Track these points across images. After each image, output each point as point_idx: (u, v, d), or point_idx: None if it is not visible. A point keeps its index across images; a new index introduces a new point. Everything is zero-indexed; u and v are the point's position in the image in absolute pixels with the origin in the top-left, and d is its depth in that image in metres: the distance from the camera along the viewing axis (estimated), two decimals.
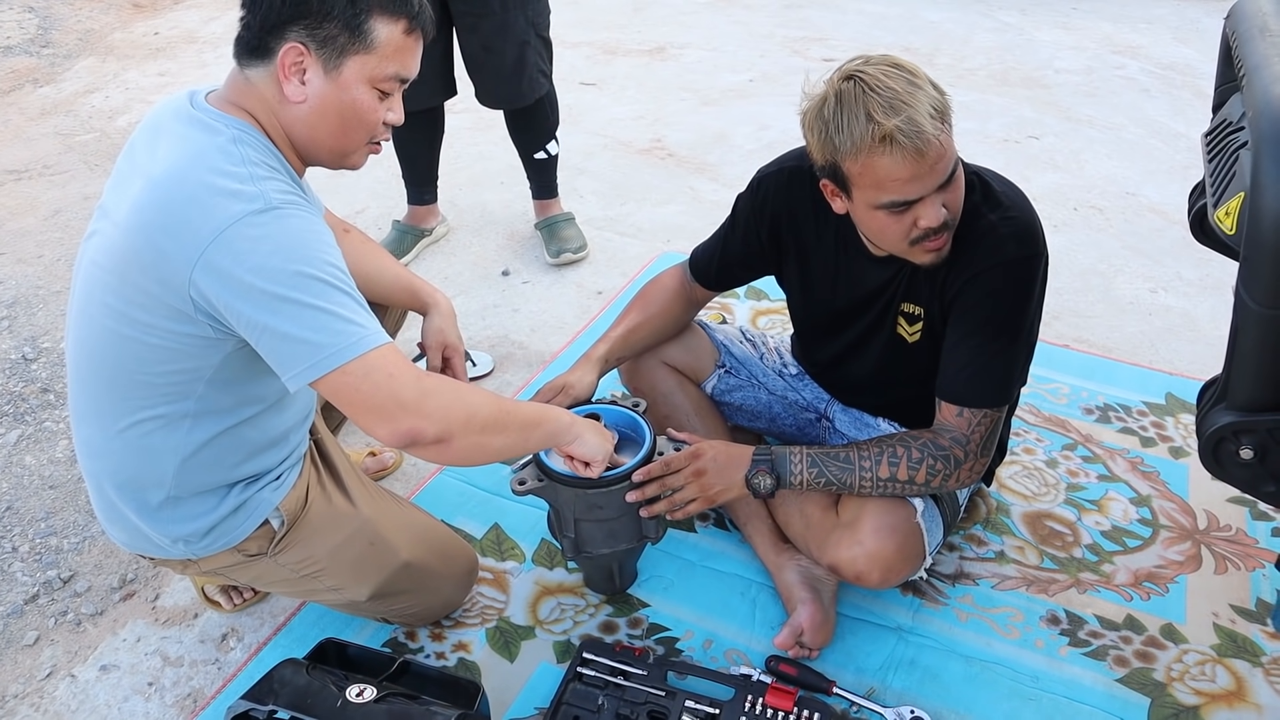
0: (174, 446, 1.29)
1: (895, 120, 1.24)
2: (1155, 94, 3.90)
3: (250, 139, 1.21)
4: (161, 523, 1.35)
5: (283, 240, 1.13)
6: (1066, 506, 1.89)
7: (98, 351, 1.26)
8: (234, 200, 1.13)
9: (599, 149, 3.48)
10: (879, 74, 1.27)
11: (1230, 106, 1.14)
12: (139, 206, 1.17)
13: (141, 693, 1.57)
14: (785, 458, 1.49)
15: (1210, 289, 2.60)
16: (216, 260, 1.12)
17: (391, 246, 2.74)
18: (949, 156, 1.30)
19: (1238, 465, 1.09)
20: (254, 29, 1.21)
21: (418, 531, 1.55)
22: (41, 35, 4.62)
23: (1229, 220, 1.00)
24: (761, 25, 4.75)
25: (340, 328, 1.14)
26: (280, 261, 1.12)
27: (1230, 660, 1.58)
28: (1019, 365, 1.48)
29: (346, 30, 1.20)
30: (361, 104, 1.25)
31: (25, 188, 3.27)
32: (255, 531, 1.39)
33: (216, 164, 1.16)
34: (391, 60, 1.24)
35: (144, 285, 1.18)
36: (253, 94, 1.24)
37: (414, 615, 1.61)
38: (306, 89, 1.22)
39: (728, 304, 2.55)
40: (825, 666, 1.56)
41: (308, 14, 1.18)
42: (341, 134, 1.27)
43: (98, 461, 1.35)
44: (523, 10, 2.44)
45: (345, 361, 1.14)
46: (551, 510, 1.57)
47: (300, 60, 1.20)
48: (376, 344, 1.16)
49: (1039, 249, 1.42)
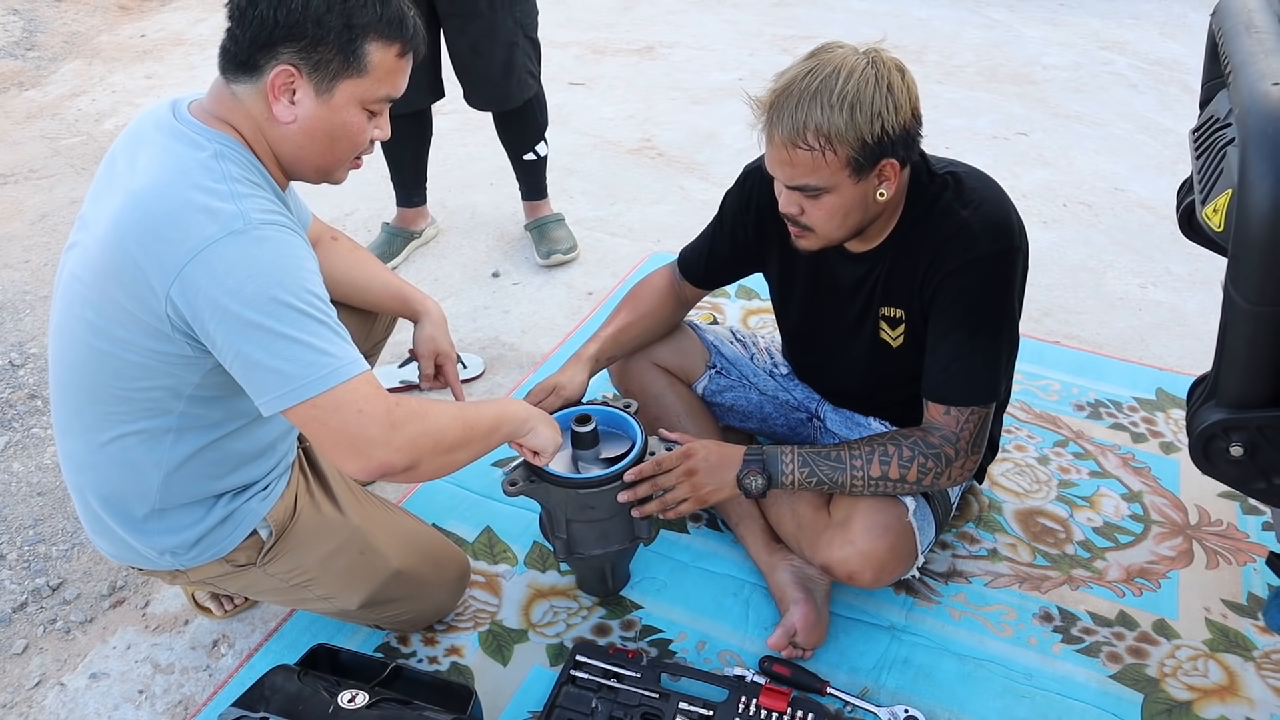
0: (157, 461, 1.28)
1: (776, 111, 1.32)
2: (1143, 89, 3.91)
3: (233, 154, 1.19)
4: (147, 535, 1.34)
5: (260, 264, 1.11)
6: (1058, 503, 1.89)
7: (77, 366, 1.25)
8: (213, 219, 1.11)
9: (588, 149, 3.48)
10: (830, 71, 1.30)
11: (1217, 103, 1.15)
12: (118, 220, 1.15)
13: (132, 700, 1.56)
14: (776, 457, 1.49)
15: (1200, 284, 2.61)
16: (193, 280, 1.10)
17: (381, 249, 2.73)
18: (795, 168, 1.34)
19: (1228, 462, 1.09)
20: (243, 44, 1.18)
21: (408, 538, 1.54)
22: (27, 38, 4.59)
23: (1217, 217, 1.00)
24: (750, 23, 4.74)
25: (311, 359, 1.13)
26: (256, 286, 1.10)
27: (1222, 655, 1.59)
28: (1002, 360, 1.48)
29: (340, 55, 1.18)
30: (352, 125, 1.23)
31: (11, 192, 3.25)
32: (244, 542, 1.38)
33: (198, 180, 1.14)
34: (383, 83, 1.23)
35: (122, 302, 1.16)
36: (238, 109, 1.21)
37: (406, 622, 1.60)
38: (296, 109, 1.20)
39: (719, 304, 2.54)
40: (819, 667, 1.56)
41: (302, 36, 1.16)
42: (329, 153, 1.25)
43: (81, 475, 1.34)
44: (510, 11, 2.43)
45: (314, 395, 1.13)
46: (543, 511, 1.57)
47: (291, 82, 1.18)
48: (349, 376, 1.15)
49: (1013, 242, 1.42)
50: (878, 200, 1.38)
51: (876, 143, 1.31)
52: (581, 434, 1.50)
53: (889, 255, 1.49)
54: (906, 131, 1.34)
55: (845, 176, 1.33)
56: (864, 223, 1.43)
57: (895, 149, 1.33)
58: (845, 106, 1.28)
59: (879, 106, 1.29)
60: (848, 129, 1.29)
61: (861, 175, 1.34)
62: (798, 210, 1.40)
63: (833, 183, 1.34)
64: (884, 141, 1.31)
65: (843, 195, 1.36)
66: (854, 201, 1.37)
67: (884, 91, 1.29)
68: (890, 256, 1.49)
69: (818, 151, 1.31)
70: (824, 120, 1.29)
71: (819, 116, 1.29)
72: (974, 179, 1.45)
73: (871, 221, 1.44)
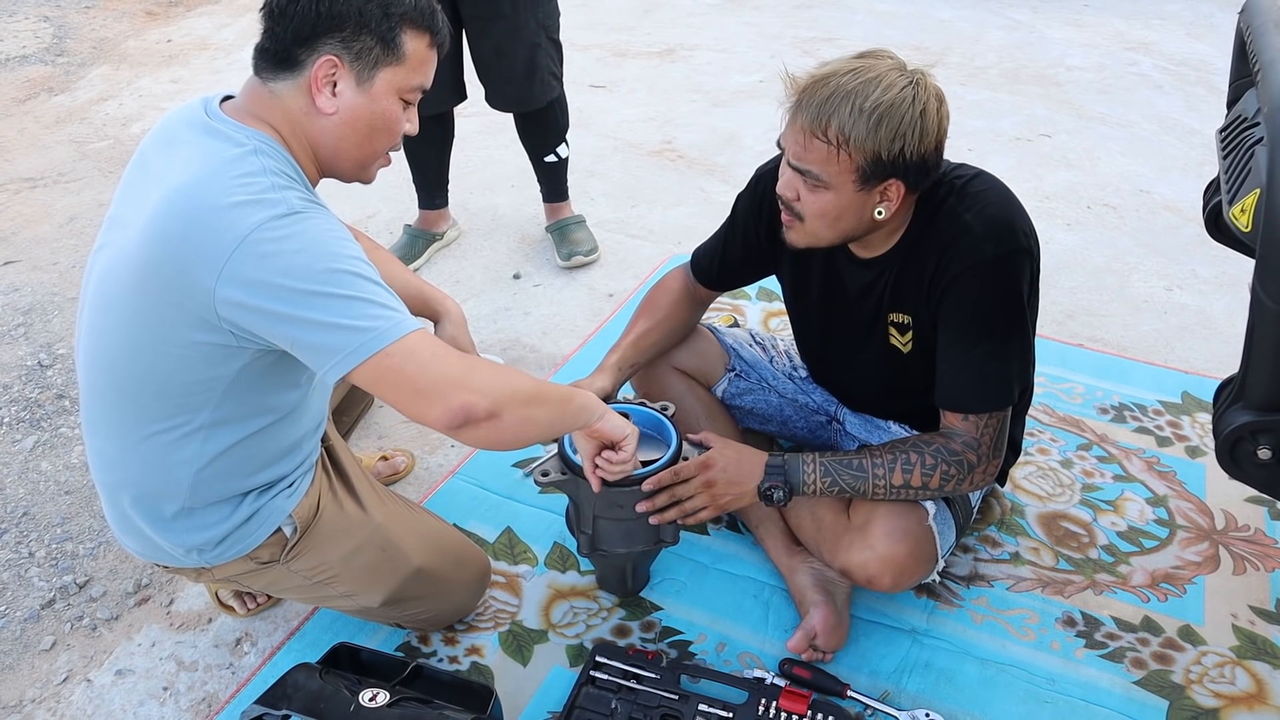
0: (189, 458, 1.30)
1: (809, 96, 1.32)
2: (1169, 90, 3.87)
3: (272, 150, 1.22)
4: (175, 533, 1.36)
5: (307, 240, 1.14)
6: (1082, 507, 1.87)
7: (115, 365, 1.26)
8: (257, 208, 1.13)
9: (609, 151, 3.48)
10: (873, 77, 1.30)
11: (1245, 102, 1.13)
12: (158, 215, 1.17)
13: (156, 697, 1.57)
14: (798, 467, 1.49)
15: (1226, 286, 2.58)
16: (242, 267, 1.12)
17: (403, 251, 2.75)
18: (806, 153, 1.33)
19: (1255, 465, 1.08)
20: (284, 40, 1.21)
21: (430, 537, 1.55)
22: (56, 44, 4.66)
23: (1244, 217, 0.99)
24: (771, 25, 4.74)
25: (378, 313, 1.14)
26: (308, 260, 1.13)
27: (1250, 662, 1.56)
28: (1014, 363, 1.46)
29: (381, 43, 1.22)
30: (390, 114, 1.27)
31: (41, 195, 3.29)
32: (268, 539, 1.40)
33: (238, 173, 1.16)
34: (418, 72, 1.27)
35: (164, 295, 1.17)
36: (277, 106, 1.24)
37: (426, 620, 1.61)
38: (338, 100, 1.23)
39: (739, 305, 2.54)
40: (839, 669, 1.55)
41: (344, 26, 1.20)
42: (368, 144, 1.28)
43: (113, 474, 1.35)
44: (534, 13, 2.44)
45: (387, 344, 1.13)
46: (571, 505, 1.57)
47: (334, 72, 1.22)
48: (415, 327, 1.17)
49: (1018, 244, 1.40)
50: (875, 216, 1.38)
51: (890, 161, 1.31)
52: None
53: (897, 261, 1.48)
54: (923, 160, 1.33)
55: (850, 180, 1.33)
56: (855, 233, 1.42)
57: (907, 173, 1.33)
58: (874, 116, 1.28)
59: (906, 128, 1.29)
60: (868, 138, 1.29)
61: (866, 186, 1.34)
62: (794, 195, 1.40)
63: (836, 181, 1.34)
64: (898, 162, 1.31)
65: (840, 197, 1.35)
66: (849, 207, 1.37)
67: (915, 114, 1.29)
68: (898, 262, 1.48)
69: (832, 148, 1.31)
70: (848, 122, 1.28)
71: (845, 116, 1.29)
72: (979, 181, 1.43)
73: (866, 233, 1.44)
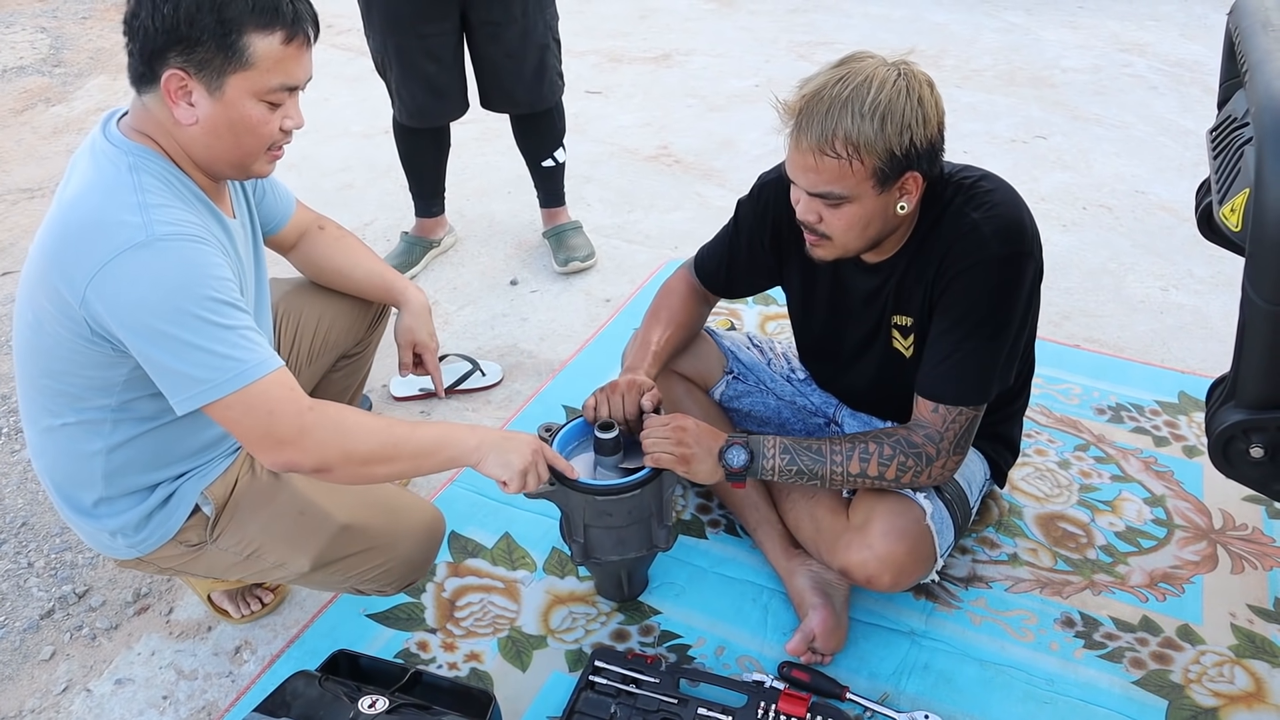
0: (98, 448, 1.35)
1: (806, 116, 1.31)
2: (1163, 91, 3.88)
3: (149, 165, 1.25)
4: (97, 519, 1.41)
5: (163, 275, 1.17)
6: (1080, 508, 1.87)
7: (24, 358, 1.34)
8: (120, 231, 1.17)
9: (606, 157, 3.49)
10: (862, 80, 1.29)
11: (1234, 103, 1.14)
12: (45, 230, 1.25)
13: (156, 706, 1.57)
14: (760, 441, 1.50)
15: (1222, 286, 2.59)
16: (102, 290, 1.18)
17: (400, 258, 2.75)
18: (820, 175, 1.33)
19: (1248, 464, 1.09)
20: (138, 57, 1.23)
21: (358, 494, 1.50)
22: (53, 55, 4.67)
23: (1234, 217, 0.99)
24: (766, 30, 4.75)
25: (216, 364, 1.19)
26: (160, 296, 1.17)
27: (1249, 661, 1.57)
28: (998, 364, 1.45)
29: (220, 51, 1.20)
30: (252, 118, 1.26)
31: (39, 206, 3.30)
32: (191, 521, 1.42)
33: (110, 192, 1.21)
34: (273, 73, 1.24)
35: (48, 305, 1.25)
36: (150, 119, 1.27)
37: (378, 579, 1.52)
38: (195, 110, 1.24)
39: (736, 309, 2.55)
40: (838, 672, 1.55)
41: (179, 40, 1.19)
42: (237, 148, 1.28)
43: (39, 462, 1.42)
44: (542, 15, 2.48)
45: (223, 396, 1.20)
46: (563, 515, 1.58)
47: (184, 84, 1.22)
48: (258, 377, 1.21)
49: (1024, 248, 1.40)
50: (898, 213, 1.38)
51: (904, 155, 1.31)
52: (604, 440, 1.51)
53: (902, 264, 1.49)
54: (932, 145, 1.34)
55: (869, 187, 1.33)
56: (883, 234, 1.43)
57: (920, 162, 1.33)
58: (876, 117, 1.28)
59: (909, 119, 1.29)
60: (877, 139, 1.29)
61: (885, 186, 1.34)
62: (816, 218, 1.39)
63: (856, 192, 1.34)
64: (911, 154, 1.31)
65: (864, 205, 1.36)
66: (875, 212, 1.37)
67: (914, 104, 1.30)
68: (904, 265, 1.49)
69: (845, 160, 1.30)
70: (854, 129, 1.28)
71: (849, 125, 1.28)
72: (988, 182, 1.45)
73: (890, 233, 1.44)
